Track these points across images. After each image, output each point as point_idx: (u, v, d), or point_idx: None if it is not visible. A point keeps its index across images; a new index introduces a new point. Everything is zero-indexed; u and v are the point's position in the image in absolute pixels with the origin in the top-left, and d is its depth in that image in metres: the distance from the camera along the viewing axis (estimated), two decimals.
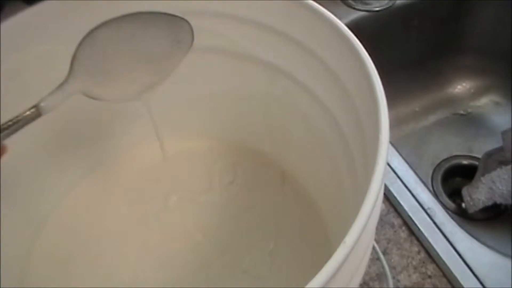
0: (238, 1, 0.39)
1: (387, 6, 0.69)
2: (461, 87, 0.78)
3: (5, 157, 0.31)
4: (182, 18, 0.34)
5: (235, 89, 0.45)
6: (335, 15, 0.70)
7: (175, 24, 0.34)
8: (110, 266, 0.43)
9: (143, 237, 0.44)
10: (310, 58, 0.36)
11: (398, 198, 0.49)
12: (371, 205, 0.22)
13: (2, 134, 0.28)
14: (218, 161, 0.49)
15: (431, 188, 0.67)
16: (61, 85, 0.31)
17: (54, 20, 0.39)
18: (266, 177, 0.47)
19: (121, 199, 0.47)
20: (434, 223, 0.47)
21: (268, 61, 0.41)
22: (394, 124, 0.74)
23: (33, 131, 0.40)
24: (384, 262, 0.43)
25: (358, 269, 0.24)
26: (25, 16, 0.37)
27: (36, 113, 0.30)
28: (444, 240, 0.46)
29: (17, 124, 0.29)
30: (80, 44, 0.32)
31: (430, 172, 0.69)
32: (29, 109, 0.30)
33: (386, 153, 0.24)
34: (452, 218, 0.48)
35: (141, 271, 0.42)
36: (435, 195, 0.67)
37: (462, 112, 0.76)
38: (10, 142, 0.31)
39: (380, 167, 0.23)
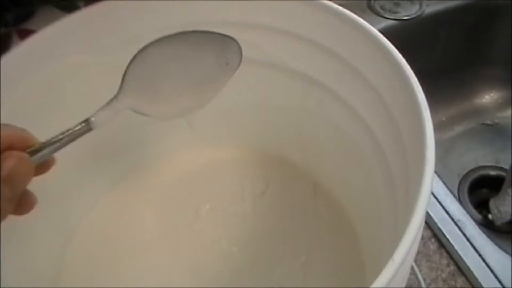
0: (274, 12, 0.39)
1: (416, 15, 0.69)
2: (488, 97, 0.77)
3: None
4: (232, 38, 0.34)
5: (269, 99, 0.45)
6: None
7: (224, 45, 0.34)
8: (140, 276, 0.43)
9: (174, 247, 0.45)
10: (347, 70, 0.37)
11: (428, 210, 0.49)
12: (418, 225, 0.22)
13: (53, 147, 0.29)
14: (250, 171, 0.49)
15: (457, 199, 0.67)
16: (111, 101, 0.31)
17: (88, 30, 0.39)
18: (298, 188, 0.48)
19: (152, 209, 0.47)
20: (464, 235, 0.47)
21: (303, 72, 0.41)
22: None
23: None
24: (420, 276, 0.43)
25: (402, 284, 0.24)
26: (61, 26, 0.38)
27: (87, 127, 0.30)
28: (474, 253, 0.46)
29: (68, 137, 0.29)
30: (132, 61, 0.32)
31: (457, 183, 0.69)
32: (80, 124, 0.30)
33: (431, 177, 0.24)
34: (482, 230, 0.48)
35: (172, 282, 0.42)
36: (462, 206, 0.67)
37: (489, 122, 0.75)
38: None
39: (426, 190, 0.23)
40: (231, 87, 0.46)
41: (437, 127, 0.75)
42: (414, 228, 0.22)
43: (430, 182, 0.25)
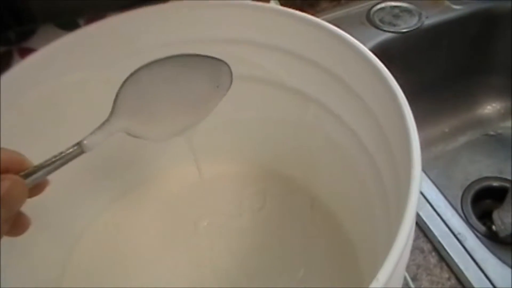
0: (271, 30, 0.40)
1: (415, 27, 0.70)
2: (491, 107, 0.77)
3: None
4: (223, 62, 0.35)
5: (266, 115, 0.46)
6: (363, 37, 0.71)
7: (216, 68, 0.35)
8: None
9: (172, 262, 0.45)
10: (341, 87, 0.37)
11: (428, 223, 0.49)
12: (404, 242, 0.22)
13: (45, 170, 0.29)
14: (248, 186, 0.50)
15: (460, 211, 0.66)
16: (103, 124, 0.32)
17: (88, 48, 0.40)
18: (295, 202, 0.48)
19: (150, 224, 0.48)
20: (465, 248, 0.47)
21: (299, 89, 0.42)
22: (423, 145, 0.72)
23: None
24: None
25: None
26: (62, 43, 0.39)
27: (79, 150, 0.31)
28: (475, 266, 0.45)
29: (60, 160, 0.30)
30: (123, 84, 0.32)
31: (460, 194, 0.68)
32: (72, 147, 0.30)
33: (418, 190, 0.25)
34: (483, 243, 0.47)
35: None
36: (465, 218, 0.67)
37: (492, 133, 0.75)
38: None
39: (412, 205, 0.23)
40: (228, 103, 0.46)
41: (440, 138, 0.75)
42: (399, 248, 0.22)
43: (416, 199, 0.25)
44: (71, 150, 0.30)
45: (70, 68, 0.40)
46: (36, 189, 0.31)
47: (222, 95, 0.36)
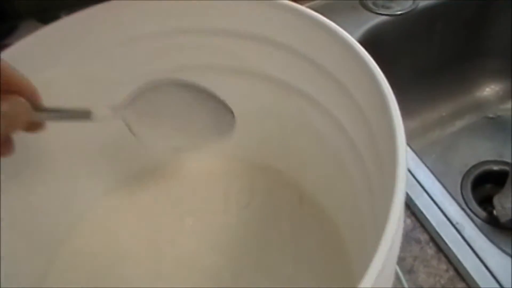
0: (251, 19, 0.38)
1: (410, 9, 0.68)
2: (489, 89, 0.75)
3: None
4: (230, 110, 0.37)
5: (249, 107, 0.44)
6: (356, 20, 0.69)
7: (221, 113, 0.37)
8: None
9: (157, 260, 0.44)
10: (323, 76, 0.35)
11: (425, 213, 0.47)
12: (389, 243, 0.21)
13: (51, 114, 0.32)
14: (234, 181, 0.48)
15: (460, 197, 0.65)
16: (116, 107, 0.34)
17: (60, 43, 0.38)
18: (284, 197, 0.46)
19: (137, 221, 0.46)
20: (463, 238, 0.45)
21: (280, 78, 0.40)
22: (420, 131, 0.72)
23: (50, 150, 0.41)
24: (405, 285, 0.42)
25: None
26: (32, 40, 0.37)
27: (85, 115, 0.32)
28: (474, 256, 0.44)
29: (67, 114, 0.32)
30: (147, 85, 0.35)
31: (459, 179, 0.67)
32: (82, 109, 0.32)
33: (403, 191, 0.23)
34: (482, 231, 0.46)
35: None
36: (465, 204, 0.65)
37: (491, 115, 0.73)
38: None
39: (397, 207, 0.22)
40: None
41: (438, 122, 0.74)
42: (382, 256, 0.20)
43: (399, 209, 0.23)
44: (80, 110, 0.32)
45: (42, 64, 0.38)
46: (32, 126, 0.33)
47: (219, 140, 0.38)
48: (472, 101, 0.75)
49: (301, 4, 0.74)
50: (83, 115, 0.32)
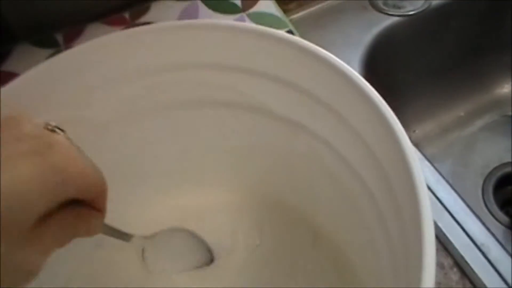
0: (256, 55, 0.36)
1: (422, 8, 0.65)
2: (508, 86, 0.72)
3: None
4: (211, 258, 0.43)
5: (257, 143, 0.42)
6: (366, 22, 0.66)
7: (205, 255, 0.43)
8: None
9: None
10: (331, 116, 0.34)
11: (448, 235, 0.45)
12: None
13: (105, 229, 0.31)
14: (242, 218, 0.45)
15: (481, 201, 0.63)
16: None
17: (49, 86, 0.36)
18: (296, 236, 0.43)
19: (137, 261, 0.43)
20: (489, 261, 0.43)
21: (288, 116, 0.38)
22: (437, 132, 0.69)
23: None
24: None
25: None
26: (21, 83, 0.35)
27: (125, 238, 0.36)
28: (501, 281, 0.42)
29: (109, 229, 0.33)
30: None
31: (481, 182, 0.65)
32: (125, 232, 0.36)
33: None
34: (508, 252, 0.44)
35: None
36: (486, 208, 0.63)
37: (511, 113, 0.70)
38: None
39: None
40: (221, 130, 0.44)
41: (456, 123, 0.71)
42: None
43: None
44: (123, 232, 0.36)
45: (45, 107, 0.36)
46: None
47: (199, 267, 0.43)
48: (491, 99, 0.72)
49: (311, 5, 0.71)
50: (124, 237, 0.36)
